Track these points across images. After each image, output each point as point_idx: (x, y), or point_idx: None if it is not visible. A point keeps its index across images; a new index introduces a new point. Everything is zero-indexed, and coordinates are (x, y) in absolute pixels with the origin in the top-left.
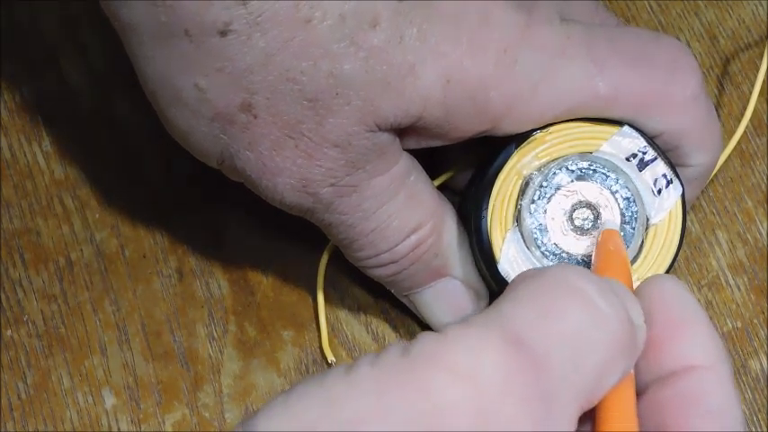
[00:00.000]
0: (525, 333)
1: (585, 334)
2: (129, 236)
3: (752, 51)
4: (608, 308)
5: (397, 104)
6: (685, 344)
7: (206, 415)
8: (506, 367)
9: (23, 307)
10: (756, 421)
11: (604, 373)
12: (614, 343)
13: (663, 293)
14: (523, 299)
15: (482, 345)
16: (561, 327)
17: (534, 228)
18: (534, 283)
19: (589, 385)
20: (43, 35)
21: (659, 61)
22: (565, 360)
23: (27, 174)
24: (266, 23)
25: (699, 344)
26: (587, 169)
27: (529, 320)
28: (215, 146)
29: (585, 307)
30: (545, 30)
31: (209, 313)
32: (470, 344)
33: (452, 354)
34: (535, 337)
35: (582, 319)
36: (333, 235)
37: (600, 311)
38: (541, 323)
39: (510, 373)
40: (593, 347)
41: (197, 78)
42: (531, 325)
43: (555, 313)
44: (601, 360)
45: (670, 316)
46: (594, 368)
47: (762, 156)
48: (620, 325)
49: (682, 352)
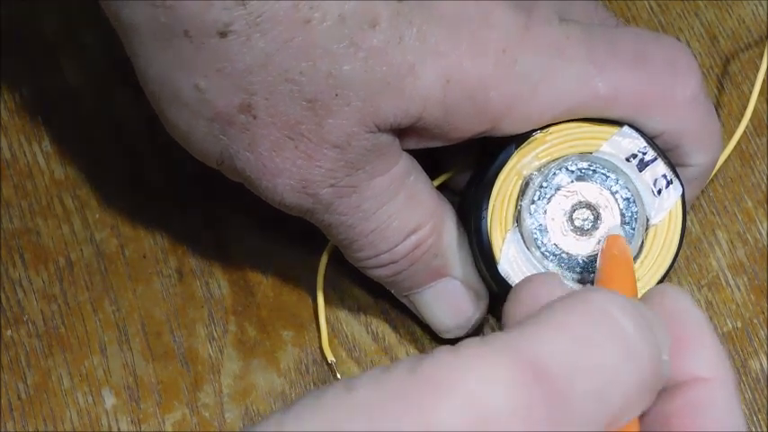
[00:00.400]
0: (549, 360)
1: (616, 369)
2: (129, 236)
3: (752, 51)
4: (644, 346)
5: (397, 105)
6: (692, 356)
7: (206, 415)
8: (517, 398)
9: (23, 307)
10: (756, 421)
11: (627, 410)
12: (643, 381)
13: (668, 305)
14: (552, 322)
15: (497, 370)
16: (591, 359)
17: (534, 228)
18: (566, 307)
19: (610, 421)
20: (43, 35)
21: (659, 61)
22: (589, 395)
23: (27, 174)
24: (266, 24)
25: (705, 356)
26: (587, 170)
27: (555, 347)
28: (215, 146)
29: (621, 342)
30: (545, 30)
31: (209, 313)
32: (484, 367)
33: (463, 378)
34: (560, 366)
35: (615, 353)
36: (333, 235)
37: (635, 348)
38: (570, 352)
39: (519, 406)
40: (622, 384)
41: (197, 79)
42: (557, 352)
43: (587, 343)
44: (627, 397)
45: (676, 328)
46: (618, 405)
47: (762, 156)
48: (651, 364)
49: (689, 364)
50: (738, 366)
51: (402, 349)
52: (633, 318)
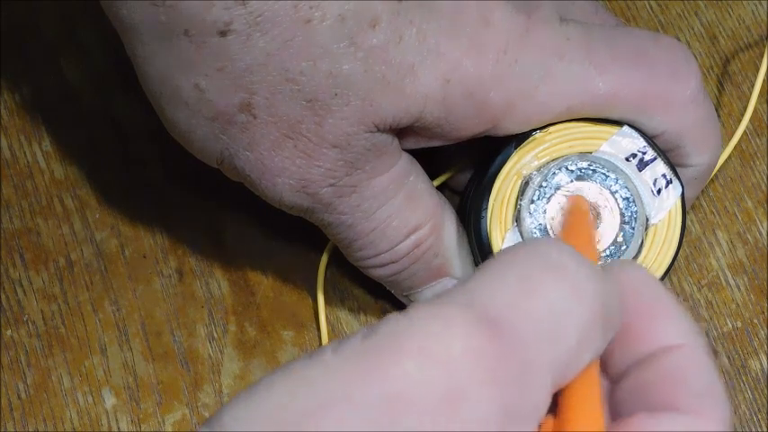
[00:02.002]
0: (499, 309)
1: (565, 309)
2: (129, 236)
3: (752, 51)
4: (588, 283)
5: (397, 104)
6: (659, 326)
7: (206, 415)
8: (476, 348)
9: (23, 307)
10: (756, 421)
11: (581, 350)
12: (593, 318)
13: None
14: (497, 273)
15: (449, 324)
16: (539, 302)
17: (534, 228)
18: (509, 257)
19: (565, 362)
20: (43, 35)
21: (659, 61)
22: (541, 336)
23: (27, 174)
24: (266, 24)
25: (672, 324)
26: (587, 169)
27: (503, 296)
28: (215, 145)
29: (566, 281)
30: (545, 30)
31: (209, 313)
32: (437, 324)
33: (417, 335)
34: (510, 313)
35: (562, 293)
36: (332, 235)
37: (580, 286)
38: (517, 298)
39: (479, 354)
40: (572, 323)
41: (197, 78)
42: (505, 301)
43: (533, 288)
44: (578, 336)
45: (639, 298)
46: (572, 344)
47: (762, 156)
48: (598, 300)
49: (657, 334)
50: (738, 366)
51: None
52: (575, 257)
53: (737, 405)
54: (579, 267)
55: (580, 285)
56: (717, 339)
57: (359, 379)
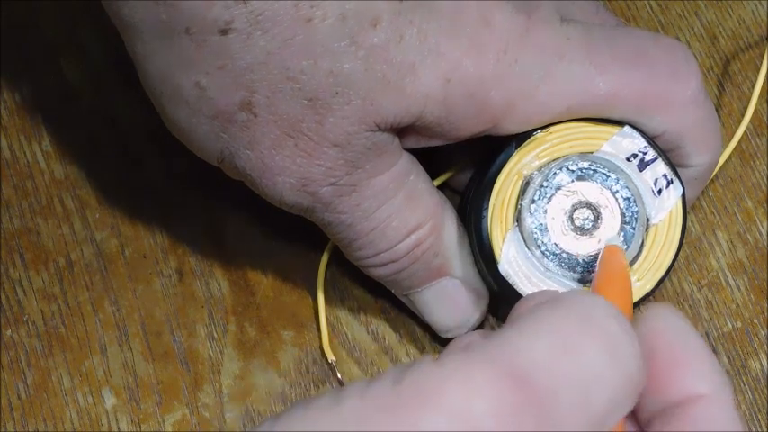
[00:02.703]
0: (533, 368)
1: (600, 372)
2: (129, 236)
3: (752, 51)
4: (628, 345)
5: (397, 104)
6: (688, 374)
7: (206, 415)
8: (501, 407)
9: (23, 307)
10: (756, 421)
11: (612, 413)
12: (628, 382)
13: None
14: (535, 328)
15: (480, 380)
16: (574, 364)
17: (534, 228)
18: (550, 311)
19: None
20: (43, 35)
21: (659, 62)
22: (574, 399)
23: (27, 174)
24: (267, 22)
25: (701, 373)
26: (588, 169)
27: (540, 354)
28: (215, 144)
29: (605, 344)
30: (545, 30)
31: (209, 313)
32: (467, 379)
33: (445, 388)
34: (545, 373)
35: (599, 357)
36: (332, 234)
37: (619, 350)
38: (554, 359)
39: (507, 415)
40: (606, 387)
41: (197, 76)
42: (541, 360)
43: (572, 349)
44: (610, 401)
45: (670, 347)
46: (605, 407)
47: (762, 156)
48: (636, 362)
49: (685, 383)
50: (738, 366)
51: (402, 349)
52: (617, 318)
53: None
54: (620, 328)
55: (619, 347)
56: (717, 339)
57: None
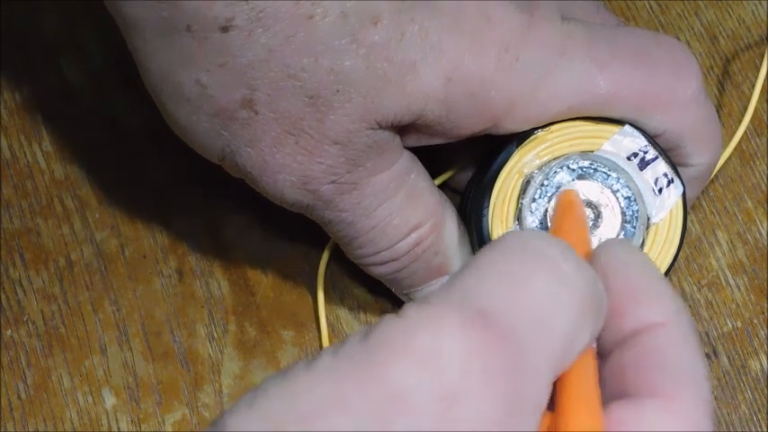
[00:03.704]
0: (488, 305)
1: (553, 298)
2: (129, 236)
3: (752, 51)
4: (574, 270)
5: (398, 102)
6: (643, 305)
7: (206, 415)
8: (468, 345)
9: (23, 307)
10: (756, 421)
11: (574, 337)
12: (582, 304)
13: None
14: (484, 268)
15: (441, 324)
16: (527, 293)
17: (535, 227)
18: (494, 251)
19: (560, 350)
20: (43, 35)
21: (660, 61)
22: (533, 327)
23: (27, 174)
24: (268, 19)
25: (656, 303)
26: (588, 168)
27: (491, 291)
28: (216, 142)
29: (551, 270)
30: (546, 29)
31: (209, 313)
32: (430, 323)
33: (410, 336)
34: (499, 307)
35: (549, 282)
36: (333, 232)
37: (566, 274)
38: (505, 292)
39: (472, 352)
40: (562, 311)
41: (198, 74)
42: (494, 295)
43: (519, 280)
44: (570, 323)
45: (625, 279)
46: (564, 332)
47: (762, 156)
48: (586, 286)
49: (640, 313)
50: (738, 366)
51: None
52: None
53: (737, 405)
54: (564, 256)
55: (566, 274)
56: (717, 339)
57: (355, 382)
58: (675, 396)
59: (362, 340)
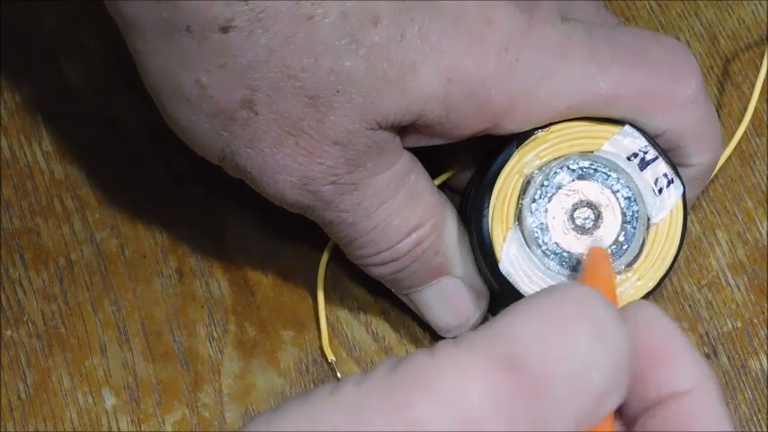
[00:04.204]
0: (523, 353)
1: (592, 355)
2: (129, 236)
3: (752, 51)
4: (616, 328)
5: (398, 102)
6: (669, 371)
7: (206, 415)
8: (494, 392)
9: (23, 307)
10: (756, 421)
11: (606, 397)
12: (618, 365)
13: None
14: (526, 315)
15: (471, 366)
16: (566, 347)
17: (535, 227)
18: (539, 299)
19: (589, 409)
20: (43, 35)
21: (660, 61)
22: (566, 382)
23: (27, 174)
24: (268, 20)
25: (683, 369)
26: (588, 168)
27: (530, 339)
28: (216, 142)
29: (594, 326)
30: (546, 29)
31: (209, 313)
32: (459, 365)
33: (439, 375)
34: (534, 357)
35: (590, 339)
36: (333, 233)
37: (608, 332)
38: (545, 343)
39: (497, 399)
40: (599, 370)
41: (198, 74)
42: (532, 345)
43: (560, 332)
44: (605, 382)
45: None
46: (597, 391)
47: (762, 156)
48: (625, 345)
49: (666, 380)
50: (738, 366)
51: (402, 349)
52: (605, 303)
53: (737, 405)
54: (608, 313)
55: (608, 331)
56: (717, 339)
57: (379, 412)
58: None
59: (390, 372)
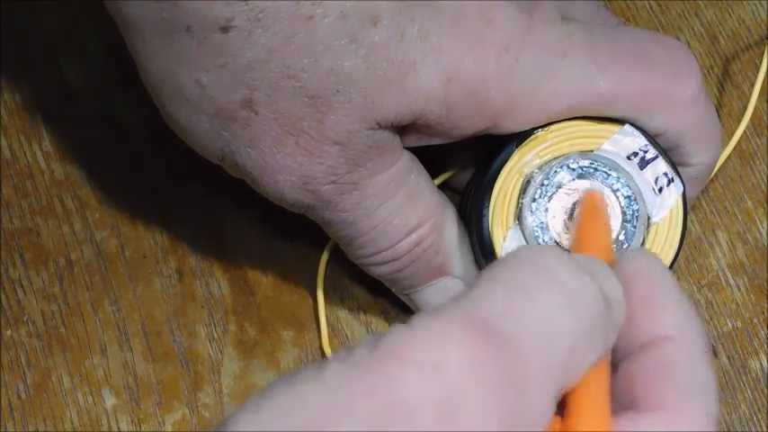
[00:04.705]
0: (493, 318)
1: (557, 313)
2: (129, 236)
3: (752, 51)
4: (577, 284)
5: (398, 102)
6: (654, 318)
7: (206, 415)
8: (471, 356)
9: (23, 307)
10: (756, 421)
11: (579, 352)
12: (587, 319)
13: (633, 269)
14: (491, 282)
15: (447, 334)
16: (530, 307)
17: (535, 226)
18: (503, 265)
19: (563, 365)
20: (43, 35)
21: (660, 61)
22: (536, 341)
23: (27, 174)
24: (268, 20)
25: (667, 316)
26: (588, 168)
27: (496, 304)
28: (216, 142)
29: (555, 285)
30: (546, 29)
31: (209, 313)
32: (435, 334)
33: (417, 346)
34: (503, 320)
35: (552, 297)
36: (333, 233)
37: (571, 289)
38: (509, 306)
39: (474, 363)
40: (566, 325)
41: (198, 74)
42: (498, 308)
43: (523, 294)
44: (574, 338)
45: (640, 291)
46: (568, 347)
47: (762, 156)
48: (591, 300)
49: (652, 325)
50: (738, 366)
51: None
52: (563, 261)
53: (737, 405)
54: (570, 272)
55: (571, 289)
56: (717, 339)
57: (361, 390)
58: (682, 410)
59: (371, 349)
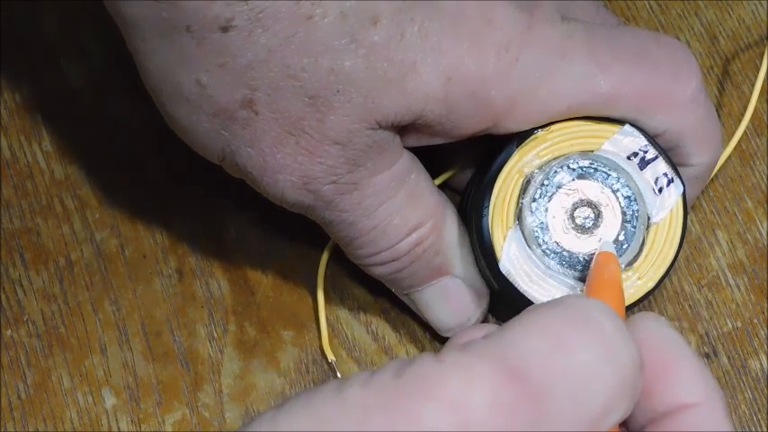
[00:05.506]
0: (528, 364)
1: (595, 370)
2: (129, 236)
3: (752, 51)
4: (623, 346)
5: (398, 102)
6: (676, 383)
7: (206, 415)
8: (498, 400)
9: (23, 307)
10: (756, 421)
11: (609, 413)
12: (623, 383)
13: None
14: (532, 327)
15: (476, 374)
16: (570, 360)
17: (535, 226)
18: (546, 311)
19: (590, 425)
20: (43, 35)
21: (660, 61)
22: (569, 396)
23: (27, 174)
24: (267, 20)
25: (689, 382)
26: (588, 168)
27: (535, 351)
28: (216, 142)
29: (600, 342)
30: (547, 29)
31: (209, 313)
32: (465, 372)
33: (444, 382)
34: (539, 369)
35: (594, 354)
36: (333, 233)
37: (614, 349)
38: (549, 355)
39: (500, 407)
40: (603, 385)
41: (198, 74)
42: (536, 356)
43: (565, 345)
44: (608, 398)
45: (658, 356)
46: (600, 406)
47: (762, 156)
48: (629, 359)
49: (673, 391)
50: (738, 366)
51: (402, 349)
52: (613, 319)
53: (737, 405)
54: (616, 329)
55: (613, 347)
56: (717, 339)
57: (384, 417)
58: None
59: (396, 375)
